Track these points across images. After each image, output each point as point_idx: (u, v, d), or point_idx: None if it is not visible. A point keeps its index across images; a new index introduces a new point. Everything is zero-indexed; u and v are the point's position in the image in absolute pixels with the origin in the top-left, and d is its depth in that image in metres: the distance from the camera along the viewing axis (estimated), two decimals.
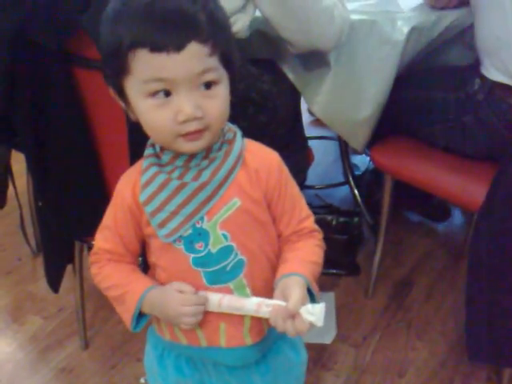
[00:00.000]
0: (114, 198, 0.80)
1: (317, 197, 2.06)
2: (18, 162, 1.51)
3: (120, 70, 0.68)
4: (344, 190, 2.10)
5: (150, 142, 0.78)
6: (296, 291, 0.71)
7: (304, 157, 1.43)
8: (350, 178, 2.01)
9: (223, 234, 0.76)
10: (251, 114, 1.20)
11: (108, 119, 1.06)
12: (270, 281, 0.79)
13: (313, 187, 2.11)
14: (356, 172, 2.13)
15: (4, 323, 1.62)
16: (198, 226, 0.75)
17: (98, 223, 0.82)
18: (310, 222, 0.83)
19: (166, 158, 0.75)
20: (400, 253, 1.85)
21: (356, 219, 1.79)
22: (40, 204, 1.27)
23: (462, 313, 1.30)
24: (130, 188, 0.77)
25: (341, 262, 1.75)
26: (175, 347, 0.86)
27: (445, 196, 1.42)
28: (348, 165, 2.03)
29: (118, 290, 0.80)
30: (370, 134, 1.40)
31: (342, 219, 1.77)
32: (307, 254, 0.80)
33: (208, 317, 0.78)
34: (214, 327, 0.80)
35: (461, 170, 1.36)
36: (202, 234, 0.75)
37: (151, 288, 0.78)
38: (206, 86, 0.69)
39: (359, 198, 1.97)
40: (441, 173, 1.38)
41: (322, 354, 1.47)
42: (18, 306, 1.68)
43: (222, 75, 0.70)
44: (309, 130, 1.91)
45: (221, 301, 0.76)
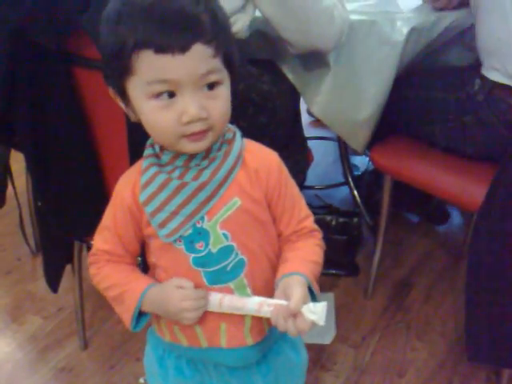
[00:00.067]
0: (113, 199, 0.80)
1: (316, 197, 2.06)
2: (18, 161, 1.51)
3: (123, 70, 0.68)
4: (343, 191, 2.10)
5: (149, 142, 0.77)
6: (297, 290, 0.71)
7: (303, 157, 1.43)
8: (350, 179, 2.02)
9: (223, 234, 0.76)
10: (251, 115, 1.20)
11: (108, 119, 1.06)
12: (271, 280, 0.79)
13: (312, 188, 2.11)
14: (355, 172, 2.13)
15: (3, 323, 1.62)
16: (198, 225, 0.75)
17: (97, 223, 0.82)
18: (310, 221, 0.83)
19: (165, 158, 0.75)
20: (399, 253, 1.85)
21: (355, 220, 1.79)
22: (39, 204, 1.26)
23: (462, 313, 1.30)
24: (130, 188, 0.77)
25: (340, 262, 1.75)
26: (176, 348, 0.86)
27: (444, 196, 1.42)
28: (347, 165, 2.03)
29: (117, 290, 0.80)
30: (369, 135, 1.40)
31: (341, 220, 1.76)
32: (307, 253, 0.80)
33: (208, 317, 0.78)
34: (215, 327, 0.80)
35: (460, 170, 1.36)
36: (202, 234, 0.75)
37: (151, 286, 0.78)
38: (209, 86, 0.68)
39: (359, 199, 1.97)
40: (440, 173, 1.38)
41: (321, 354, 1.47)
42: (17, 306, 1.68)
43: (225, 76, 0.70)
44: (308, 131, 1.92)
45: (221, 300, 0.76)
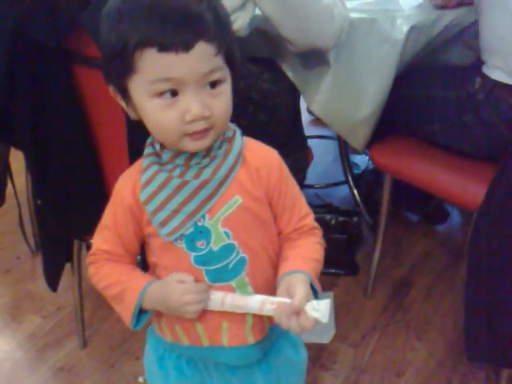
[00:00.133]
0: (112, 198, 0.80)
1: (316, 196, 2.06)
2: (17, 160, 1.51)
3: (125, 69, 0.67)
4: (343, 190, 2.10)
5: (149, 140, 0.77)
6: (300, 288, 0.71)
7: (303, 156, 1.43)
8: (350, 178, 2.01)
9: (225, 232, 0.76)
10: (251, 113, 1.20)
11: (107, 118, 1.06)
12: (271, 279, 0.79)
13: (312, 186, 2.11)
14: (356, 171, 2.13)
15: (2, 322, 1.62)
16: (199, 224, 0.75)
17: (97, 222, 0.81)
18: (310, 219, 0.83)
19: (166, 156, 0.75)
20: (399, 252, 1.85)
21: (355, 219, 1.79)
22: (39, 202, 1.26)
23: (461, 313, 1.30)
24: (130, 187, 0.77)
25: (340, 261, 1.75)
26: (176, 348, 0.85)
27: (444, 195, 1.42)
28: (347, 164, 2.02)
29: (116, 288, 0.79)
30: (369, 134, 1.40)
31: (341, 218, 1.76)
32: (308, 251, 0.80)
33: (210, 315, 0.78)
34: (216, 326, 0.80)
35: (460, 169, 1.36)
36: (203, 233, 0.75)
37: (151, 283, 0.78)
38: (212, 85, 0.68)
39: (358, 198, 1.97)
40: (440, 172, 1.38)
41: (320, 353, 1.47)
42: (16, 305, 1.68)
43: (227, 74, 0.70)
44: (308, 130, 1.91)
45: (223, 299, 0.76)
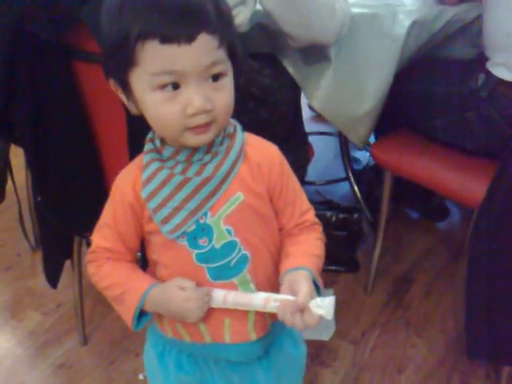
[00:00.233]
0: (112, 195, 0.79)
1: (317, 193, 2.06)
2: (17, 156, 1.50)
3: (126, 62, 0.66)
4: (344, 186, 2.09)
5: (149, 136, 0.77)
6: (304, 285, 0.71)
7: (304, 152, 1.42)
8: (350, 175, 2.01)
9: (227, 230, 0.75)
10: (251, 109, 1.19)
11: (108, 113, 1.06)
12: (273, 275, 0.79)
13: (313, 183, 2.11)
14: (357, 167, 2.13)
15: (3, 319, 1.62)
16: (201, 221, 0.74)
17: (97, 219, 0.81)
18: (311, 214, 0.83)
19: (166, 152, 0.74)
20: (399, 250, 1.85)
21: (356, 215, 1.79)
22: (39, 199, 1.26)
23: (461, 310, 1.30)
24: (131, 184, 0.76)
25: (340, 258, 1.75)
26: (177, 344, 0.85)
27: (445, 192, 1.41)
28: (348, 161, 2.02)
29: (117, 289, 0.78)
30: (370, 129, 1.40)
31: (341, 215, 1.76)
32: (310, 247, 0.80)
33: (212, 313, 0.77)
34: (219, 323, 0.79)
35: (461, 166, 1.36)
36: (205, 230, 0.75)
37: (153, 286, 0.77)
38: (214, 78, 0.68)
39: (359, 195, 1.97)
40: (441, 169, 1.37)
41: (320, 350, 1.47)
42: (16, 302, 1.68)
43: (229, 67, 0.70)
44: (309, 126, 1.90)
45: (226, 297, 0.75)
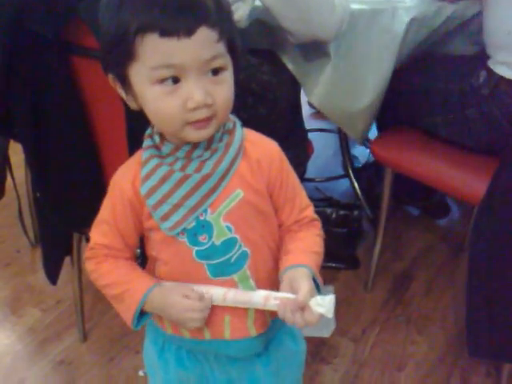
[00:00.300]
0: (110, 191, 0.78)
1: (316, 190, 2.06)
2: (17, 153, 1.50)
3: (125, 56, 0.66)
4: (344, 183, 2.09)
5: (148, 132, 0.76)
6: (304, 283, 0.71)
7: (304, 149, 1.42)
8: (350, 171, 2.01)
9: (227, 226, 0.75)
10: (251, 106, 1.19)
11: (107, 109, 1.05)
12: (272, 271, 0.79)
13: (312, 180, 2.10)
14: (356, 164, 2.13)
15: (2, 315, 1.62)
16: (201, 218, 0.74)
17: (96, 214, 0.80)
18: (310, 211, 0.83)
19: (166, 149, 0.74)
20: (400, 247, 1.84)
21: (356, 212, 1.79)
22: (38, 195, 1.26)
23: (462, 307, 1.30)
24: (130, 180, 0.76)
25: (340, 255, 1.75)
26: (177, 340, 0.85)
27: (445, 189, 1.41)
28: (348, 158, 2.02)
29: (117, 289, 0.78)
30: (369, 125, 1.40)
31: (341, 212, 1.76)
32: (309, 244, 0.80)
33: (212, 310, 0.77)
34: (219, 320, 0.79)
35: (462, 163, 1.36)
36: (205, 227, 0.74)
37: (153, 288, 0.77)
38: (214, 72, 0.67)
39: (359, 192, 1.97)
40: (441, 166, 1.37)
41: (320, 347, 1.47)
42: (16, 298, 1.68)
43: (228, 62, 0.69)
44: (309, 123, 1.90)
45: (225, 295, 0.75)
